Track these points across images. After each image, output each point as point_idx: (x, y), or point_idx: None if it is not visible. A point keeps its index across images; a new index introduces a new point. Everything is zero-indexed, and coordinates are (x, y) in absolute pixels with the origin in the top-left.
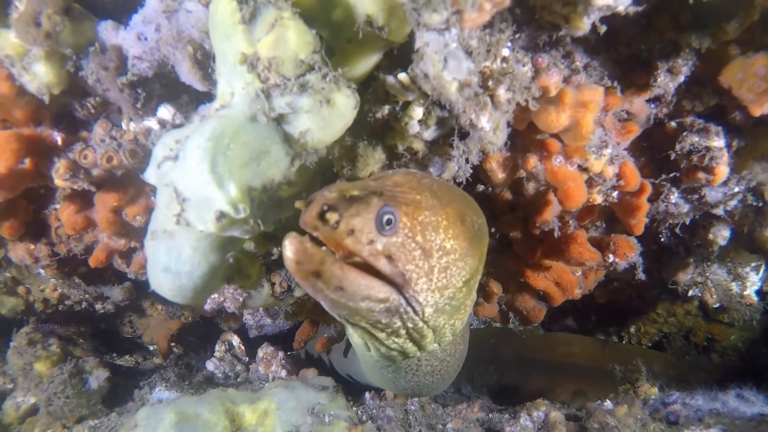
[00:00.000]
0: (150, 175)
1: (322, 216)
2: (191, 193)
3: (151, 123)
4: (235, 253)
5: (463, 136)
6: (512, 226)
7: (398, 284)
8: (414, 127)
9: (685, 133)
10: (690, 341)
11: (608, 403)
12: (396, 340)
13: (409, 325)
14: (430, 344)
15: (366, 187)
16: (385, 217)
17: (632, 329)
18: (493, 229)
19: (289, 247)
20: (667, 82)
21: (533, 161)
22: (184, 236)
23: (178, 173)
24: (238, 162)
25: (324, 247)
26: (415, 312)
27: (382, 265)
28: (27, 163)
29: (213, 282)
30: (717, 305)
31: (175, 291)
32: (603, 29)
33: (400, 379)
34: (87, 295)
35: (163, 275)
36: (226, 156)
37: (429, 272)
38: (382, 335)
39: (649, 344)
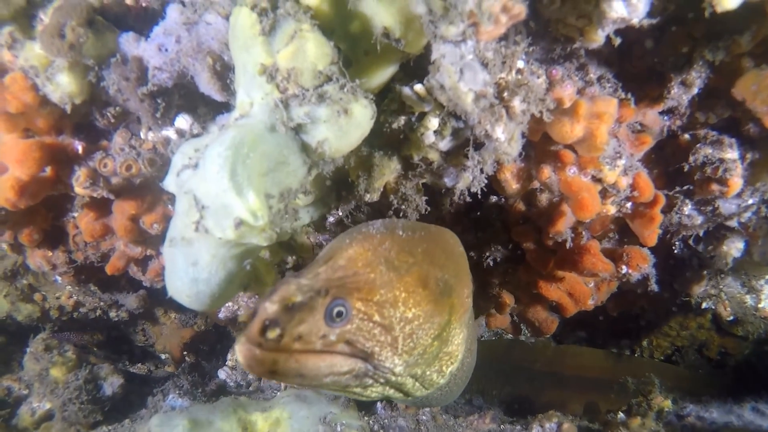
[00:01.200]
0: (169, 183)
1: (263, 332)
2: (210, 201)
3: (170, 133)
4: (252, 261)
5: (478, 146)
6: (525, 237)
7: (361, 358)
8: (429, 138)
9: (698, 145)
10: (703, 355)
11: (621, 416)
12: (374, 390)
13: (382, 381)
14: (417, 391)
15: (311, 287)
16: (335, 311)
17: (644, 343)
18: (505, 240)
19: (240, 355)
20: (680, 94)
21: (547, 172)
22: (202, 243)
23: (198, 181)
24: (257, 171)
25: None
26: (384, 372)
27: (341, 349)
28: (48, 171)
29: (230, 289)
30: (731, 318)
31: (193, 297)
32: (617, 41)
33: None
34: (102, 303)
35: (180, 282)
36: (245, 164)
37: (393, 342)
38: (357, 390)
39: (662, 358)
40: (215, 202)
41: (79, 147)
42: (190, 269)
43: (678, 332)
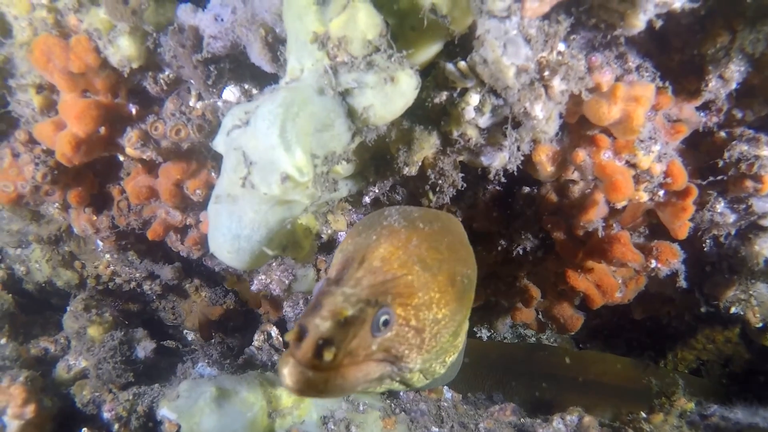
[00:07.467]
0: (218, 143)
1: (319, 353)
2: (258, 156)
3: (219, 102)
4: (293, 221)
5: (516, 125)
6: (556, 226)
7: (391, 361)
8: (470, 113)
9: (734, 142)
10: (729, 370)
11: (643, 415)
12: (385, 386)
13: (398, 379)
14: (419, 383)
15: (359, 297)
16: (382, 319)
17: (669, 356)
18: (536, 230)
19: (290, 378)
20: (718, 87)
21: (582, 155)
22: (246, 200)
23: (248, 137)
24: (305, 130)
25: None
26: (404, 372)
27: (377, 357)
28: (102, 130)
29: (270, 247)
30: (760, 325)
31: (234, 254)
32: (658, 24)
33: None
34: (138, 274)
35: (222, 238)
36: (294, 123)
37: (420, 344)
38: (372, 387)
39: (686, 371)
40: (263, 157)
41: (133, 110)
42: (233, 225)
43: (704, 345)
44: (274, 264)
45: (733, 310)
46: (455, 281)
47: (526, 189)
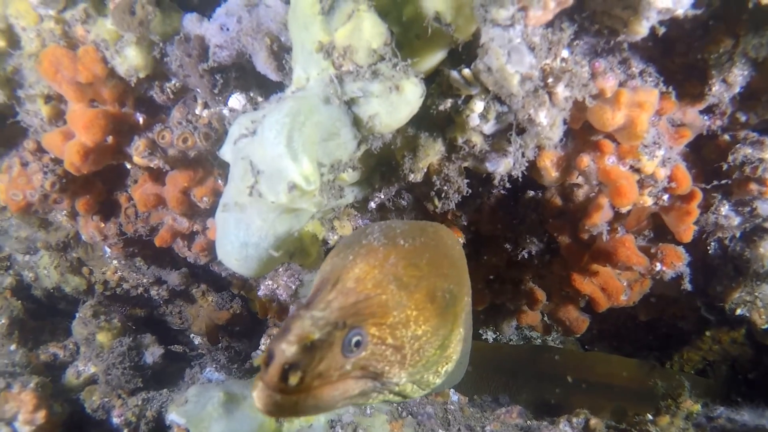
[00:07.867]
0: (225, 152)
1: (285, 377)
2: (266, 166)
3: (225, 110)
4: (300, 229)
5: (521, 132)
6: (561, 230)
7: (372, 377)
8: (474, 120)
9: (738, 145)
10: (736, 371)
11: (649, 417)
12: (376, 399)
13: (386, 391)
14: (415, 393)
15: (327, 320)
16: (354, 340)
17: (675, 357)
18: (541, 233)
19: (259, 402)
20: (721, 92)
21: (586, 160)
22: (254, 208)
23: (255, 147)
24: (312, 139)
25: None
26: (389, 386)
27: (354, 375)
28: (110, 139)
29: (277, 254)
30: (766, 326)
31: (241, 261)
32: (661, 31)
33: None
34: (145, 279)
35: (230, 246)
36: (301, 132)
37: (402, 360)
38: (360, 402)
39: (692, 372)
40: (270, 166)
41: (140, 119)
42: (241, 233)
43: (710, 346)
44: (280, 269)
45: (738, 311)
46: (435, 297)
47: (531, 193)
